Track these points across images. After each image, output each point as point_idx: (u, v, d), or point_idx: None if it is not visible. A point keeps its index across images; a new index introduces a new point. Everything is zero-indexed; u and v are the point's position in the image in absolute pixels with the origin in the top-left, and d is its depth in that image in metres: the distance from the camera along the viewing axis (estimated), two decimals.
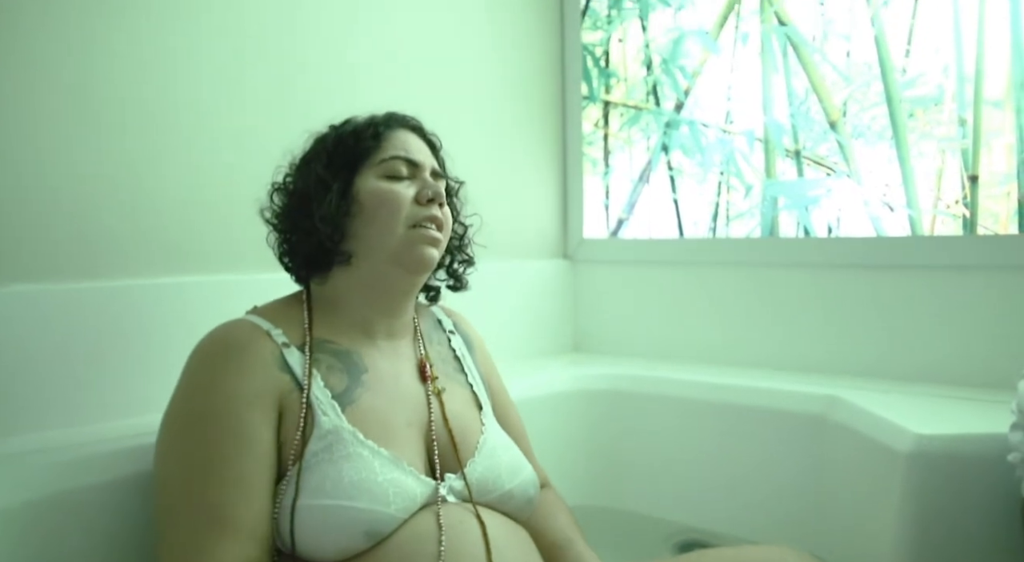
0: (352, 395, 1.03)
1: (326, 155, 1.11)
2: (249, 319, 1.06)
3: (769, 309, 1.92)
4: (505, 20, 2.12)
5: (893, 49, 1.82)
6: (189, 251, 1.45)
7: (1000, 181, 1.70)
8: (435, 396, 1.12)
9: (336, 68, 1.69)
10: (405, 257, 1.08)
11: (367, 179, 1.09)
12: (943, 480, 1.24)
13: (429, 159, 1.15)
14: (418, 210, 1.09)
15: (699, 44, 2.13)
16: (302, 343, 1.05)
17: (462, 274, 1.25)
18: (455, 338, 1.26)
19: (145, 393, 1.35)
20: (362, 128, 1.13)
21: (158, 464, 0.98)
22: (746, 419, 1.66)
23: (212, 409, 0.96)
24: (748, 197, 2.06)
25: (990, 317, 1.62)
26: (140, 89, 1.38)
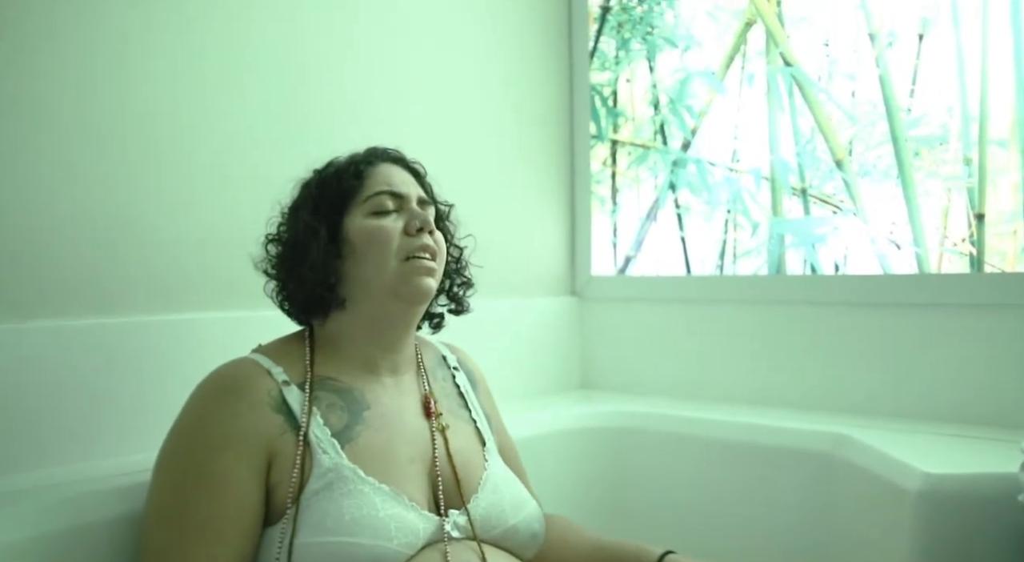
0: (352, 432, 1.03)
1: (312, 201, 1.12)
2: (252, 358, 1.07)
3: (776, 346, 1.92)
4: (515, 61, 2.15)
5: (898, 89, 1.84)
6: (201, 287, 1.46)
7: (1006, 219, 1.71)
8: (439, 432, 1.12)
9: (346, 106, 1.71)
10: (402, 290, 1.08)
11: (354, 219, 1.10)
12: (952, 520, 1.23)
13: (414, 188, 1.15)
14: (409, 241, 1.09)
15: (706, 84, 2.16)
16: (303, 381, 1.06)
17: (463, 297, 1.25)
18: (459, 374, 1.26)
19: (157, 428, 1.35)
20: (343, 168, 1.14)
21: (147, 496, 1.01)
22: (754, 457, 1.65)
23: (189, 449, 0.98)
24: (755, 235, 2.07)
25: (998, 355, 1.62)
26: (149, 126, 1.40)
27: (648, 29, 2.26)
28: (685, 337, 2.08)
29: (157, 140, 1.41)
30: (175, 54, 1.43)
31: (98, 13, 1.33)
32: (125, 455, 1.31)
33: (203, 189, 1.47)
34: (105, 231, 1.34)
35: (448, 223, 1.24)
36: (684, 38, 2.19)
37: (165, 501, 0.96)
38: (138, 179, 1.38)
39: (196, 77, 1.46)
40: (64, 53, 1.30)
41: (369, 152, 1.18)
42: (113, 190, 1.35)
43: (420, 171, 1.21)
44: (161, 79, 1.41)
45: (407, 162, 1.20)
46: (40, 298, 1.27)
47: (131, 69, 1.38)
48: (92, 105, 1.33)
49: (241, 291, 1.50)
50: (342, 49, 1.71)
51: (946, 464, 1.29)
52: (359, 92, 1.74)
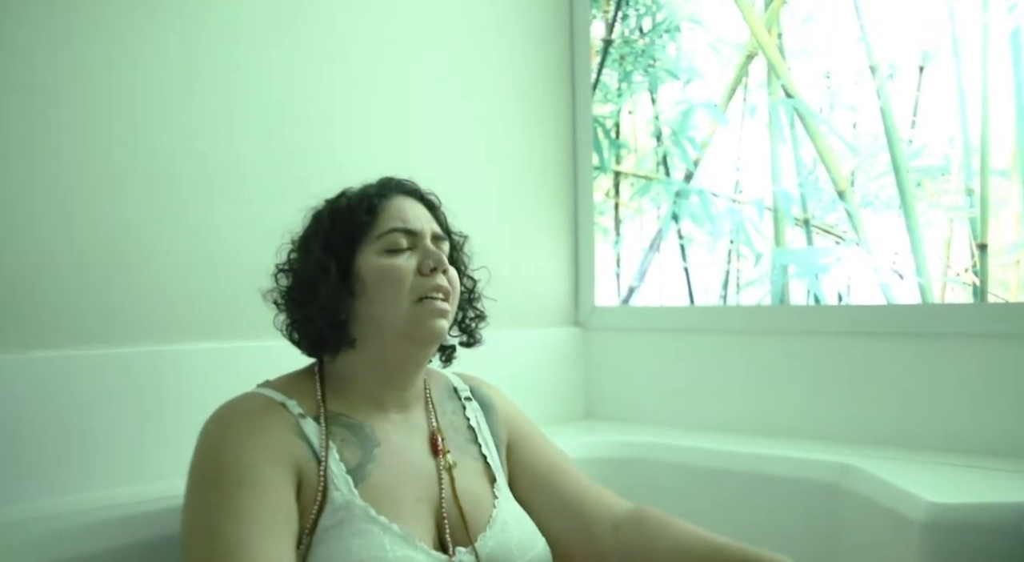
0: (365, 470, 1.02)
1: (323, 234, 1.10)
2: (261, 392, 1.05)
3: (780, 377, 1.91)
4: (518, 93, 2.17)
5: (899, 120, 1.85)
6: (202, 317, 1.47)
7: (1009, 249, 1.71)
8: (446, 471, 1.10)
9: (349, 137, 1.73)
10: (414, 332, 1.07)
11: (367, 256, 1.08)
12: (958, 550, 1.22)
13: (428, 223, 1.13)
14: (422, 282, 1.07)
15: (708, 116, 2.17)
16: (316, 414, 1.05)
17: (475, 329, 1.23)
18: (471, 405, 1.23)
19: (157, 459, 1.35)
20: (356, 202, 1.11)
21: (182, 525, 0.96)
22: (759, 487, 1.64)
23: (225, 462, 0.95)
24: (758, 265, 2.07)
25: (1002, 385, 1.61)
26: (149, 159, 1.42)
27: (650, 61, 2.29)
28: (689, 367, 2.08)
29: (157, 173, 1.42)
30: (176, 88, 1.45)
31: (94, 44, 1.35)
32: (125, 486, 1.32)
33: (204, 221, 1.48)
34: (105, 262, 1.35)
35: (462, 254, 1.22)
36: (686, 70, 2.21)
37: (214, 513, 0.92)
38: (137, 211, 1.39)
39: (197, 109, 1.48)
40: (63, 88, 1.31)
41: (382, 183, 1.15)
42: (113, 222, 1.36)
43: (435, 202, 1.19)
44: (161, 111, 1.43)
45: (421, 194, 1.18)
46: (40, 329, 1.27)
47: (131, 101, 1.39)
48: (92, 139, 1.34)
49: (242, 322, 1.50)
50: (343, 81, 1.73)
51: (952, 494, 1.28)
52: (361, 123, 1.76)
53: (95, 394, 1.30)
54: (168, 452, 1.35)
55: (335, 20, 1.71)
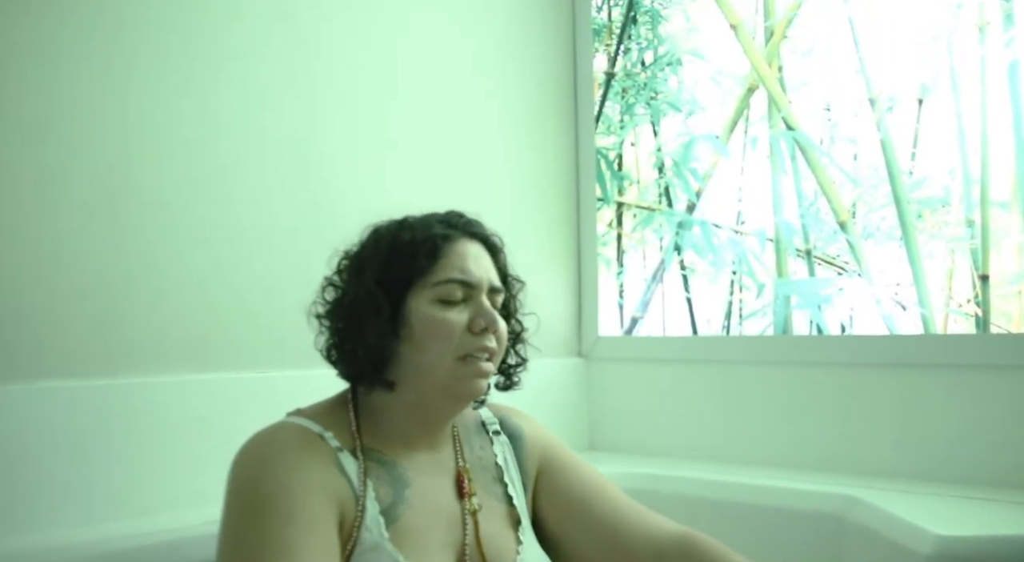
0: (397, 511, 1.00)
1: (379, 266, 1.05)
2: (296, 422, 1.02)
3: (784, 407, 1.91)
4: (522, 125, 2.19)
5: (899, 152, 1.87)
6: (208, 349, 1.47)
7: (1011, 280, 1.72)
8: (470, 515, 1.07)
9: (354, 172, 1.74)
10: (454, 389, 1.04)
11: (419, 302, 1.03)
12: None
13: (488, 273, 1.08)
14: (470, 340, 1.03)
15: (709, 148, 2.19)
16: (353, 448, 1.02)
17: (513, 373, 1.17)
18: (499, 439, 1.18)
19: (160, 491, 1.35)
20: (420, 240, 1.05)
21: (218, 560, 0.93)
22: (763, 519, 1.63)
23: (273, 496, 0.91)
24: (760, 296, 2.08)
25: (1006, 416, 1.61)
26: (157, 191, 1.43)
27: (652, 94, 2.31)
28: (693, 398, 2.07)
29: (163, 205, 1.43)
30: (185, 120, 1.47)
31: (107, 79, 1.37)
32: (127, 519, 1.31)
33: (212, 254, 1.49)
34: (110, 294, 1.36)
35: (516, 300, 1.18)
36: (688, 103, 2.23)
37: (262, 548, 0.88)
38: (145, 245, 1.41)
39: (206, 143, 1.49)
40: (76, 120, 1.33)
41: (449, 221, 1.10)
42: (120, 252, 1.37)
43: (498, 246, 1.15)
44: (171, 145, 1.45)
45: (486, 236, 1.13)
46: (44, 359, 1.28)
47: (142, 135, 1.41)
48: (101, 171, 1.36)
49: (248, 353, 1.51)
50: (349, 120, 1.74)
51: (957, 526, 1.28)
52: (367, 159, 1.77)
53: (96, 425, 1.30)
54: (171, 484, 1.36)
55: (342, 60, 1.73)
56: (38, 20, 1.29)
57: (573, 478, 1.18)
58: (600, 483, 1.18)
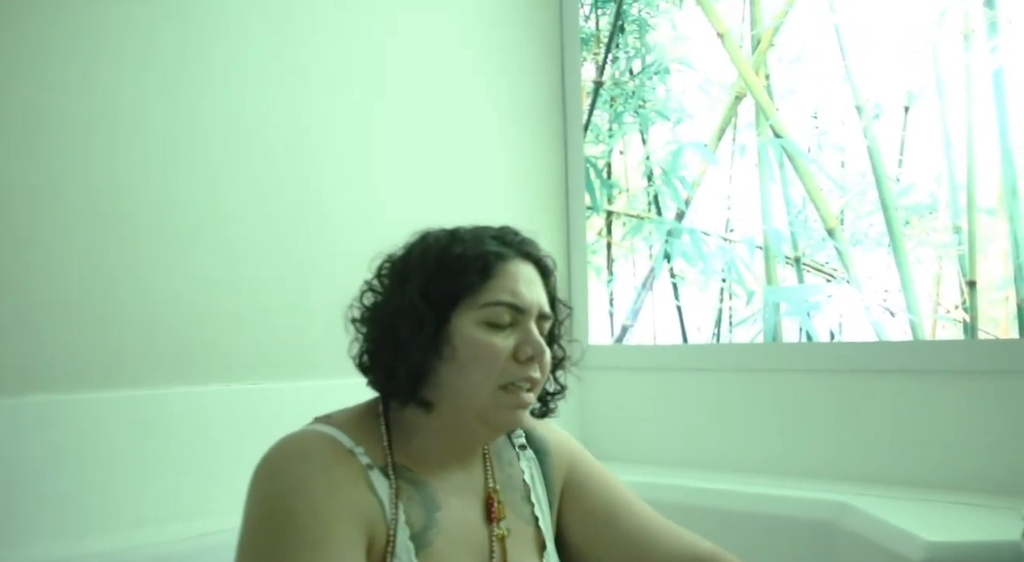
0: (428, 537, 0.96)
1: (425, 277, 0.99)
2: (326, 432, 0.97)
3: (774, 414, 1.92)
4: (511, 135, 2.19)
5: (886, 159, 1.88)
6: (201, 361, 1.47)
7: (998, 286, 1.73)
8: (498, 542, 1.02)
9: (344, 177, 1.74)
10: (491, 418, 0.98)
11: (464, 322, 0.97)
12: None
13: (538, 298, 1.02)
14: (514, 369, 0.97)
15: (698, 156, 2.20)
16: (384, 466, 0.97)
17: (550, 400, 1.11)
18: (525, 454, 1.13)
19: (168, 502, 1.36)
20: (471, 256, 0.99)
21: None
22: (755, 526, 1.63)
23: (299, 516, 0.87)
24: (750, 303, 2.08)
25: (995, 422, 1.62)
26: (150, 203, 1.43)
27: (640, 103, 2.32)
28: (683, 406, 2.08)
29: (152, 215, 1.43)
30: (172, 126, 1.47)
31: (93, 87, 1.37)
32: (113, 532, 1.31)
33: (198, 263, 1.49)
34: (95, 305, 1.36)
35: (561, 326, 1.11)
36: (676, 111, 2.24)
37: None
38: (130, 257, 1.40)
39: (194, 150, 1.49)
40: (60, 128, 1.33)
41: (502, 238, 1.03)
42: (114, 264, 1.37)
43: (550, 268, 1.08)
44: (158, 152, 1.44)
45: (539, 258, 1.06)
46: (33, 373, 1.28)
47: (129, 144, 1.41)
48: (87, 180, 1.36)
49: (237, 365, 1.51)
50: (337, 128, 1.75)
51: (948, 532, 1.28)
52: (356, 167, 1.77)
53: (78, 439, 1.30)
54: (157, 497, 1.35)
55: (330, 65, 1.73)
56: (24, 23, 1.28)
57: (598, 494, 1.14)
58: (625, 498, 1.14)
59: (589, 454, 1.19)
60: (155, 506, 1.36)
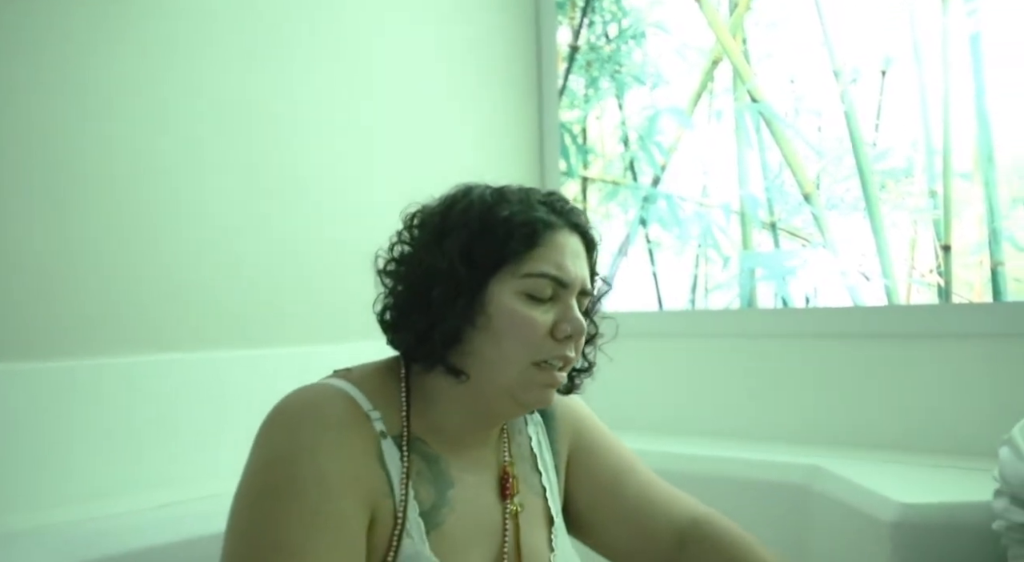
0: (439, 516, 0.92)
1: (467, 238, 0.92)
2: (345, 390, 0.92)
3: (749, 380, 1.92)
4: (485, 99, 2.16)
5: (863, 124, 1.87)
6: (167, 329, 1.45)
7: (973, 250, 1.73)
8: (511, 518, 0.99)
9: (315, 142, 1.71)
10: (521, 395, 0.93)
11: (504, 291, 0.92)
12: (929, 549, 1.22)
13: (581, 272, 0.96)
14: (550, 346, 0.92)
15: (674, 121, 2.18)
16: (398, 434, 0.92)
17: (577, 376, 1.06)
18: (532, 419, 1.09)
19: (130, 473, 1.34)
20: (518, 224, 0.92)
21: (228, 542, 0.84)
22: (728, 491, 1.63)
23: (300, 485, 0.83)
24: (726, 269, 2.08)
25: (968, 384, 1.63)
26: (131, 174, 1.39)
27: (616, 67, 2.29)
28: (658, 372, 2.07)
29: (126, 185, 1.40)
30: (140, 96, 1.43)
31: (67, 58, 1.33)
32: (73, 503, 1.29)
33: (170, 234, 1.46)
34: (54, 274, 1.33)
35: (599, 302, 1.07)
36: (652, 76, 2.22)
37: (279, 543, 0.80)
38: (105, 226, 1.37)
39: (174, 121, 1.46)
40: (35, 101, 1.29)
41: (551, 205, 0.97)
42: (63, 235, 1.34)
43: (595, 241, 1.02)
44: (124, 121, 1.41)
45: (586, 230, 1.00)
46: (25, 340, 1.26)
47: (107, 114, 1.37)
48: (68, 151, 1.32)
49: (206, 333, 1.49)
50: (308, 95, 1.71)
51: (921, 494, 1.29)
52: (325, 135, 1.74)
53: (48, 407, 1.28)
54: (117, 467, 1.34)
55: (306, 32, 1.69)
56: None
57: (603, 460, 1.11)
58: (630, 463, 1.12)
59: (595, 417, 1.17)
60: (116, 477, 1.34)
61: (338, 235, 1.72)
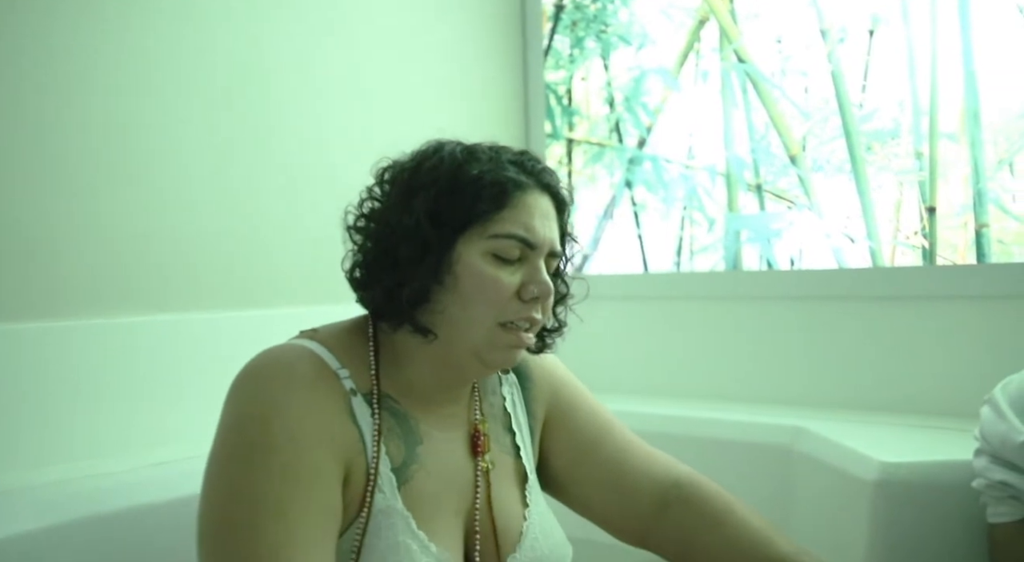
0: (408, 471, 0.92)
1: (435, 196, 0.91)
2: (312, 348, 0.92)
3: (734, 342, 1.92)
4: (468, 60, 2.13)
5: (850, 84, 1.85)
6: (158, 288, 1.43)
7: (957, 212, 1.73)
8: (483, 475, 0.99)
9: (298, 103, 1.69)
10: (486, 355, 0.93)
11: (471, 251, 0.91)
12: (910, 507, 1.23)
13: (550, 234, 0.95)
14: (516, 307, 0.92)
15: (660, 82, 2.16)
16: (368, 392, 0.92)
17: (547, 336, 1.06)
18: (507, 379, 1.10)
19: (123, 432, 1.35)
20: (487, 183, 0.91)
21: (203, 506, 0.85)
22: (712, 452, 1.64)
23: (273, 442, 0.83)
24: (711, 231, 2.07)
25: (950, 345, 1.64)
26: (126, 135, 1.37)
27: (602, 27, 2.26)
28: (643, 334, 2.08)
29: (100, 139, 1.38)
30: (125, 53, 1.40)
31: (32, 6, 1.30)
32: (68, 461, 1.29)
33: (150, 191, 1.44)
34: (47, 235, 1.31)
35: (568, 262, 1.06)
36: (638, 36, 2.19)
37: (255, 503, 0.81)
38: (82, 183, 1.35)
39: (146, 73, 1.43)
40: None
41: (521, 165, 0.95)
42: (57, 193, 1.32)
43: (566, 202, 1.00)
44: (110, 79, 1.38)
45: (557, 191, 0.98)
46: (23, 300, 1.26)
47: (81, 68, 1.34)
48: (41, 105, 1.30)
49: (193, 292, 1.48)
50: (290, 54, 1.68)
51: (902, 453, 1.30)
52: (308, 96, 1.72)
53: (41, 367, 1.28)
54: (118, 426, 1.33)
55: None
56: None
57: (582, 420, 1.11)
58: (609, 424, 1.12)
59: (575, 379, 1.17)
60: (110, 436, 1.34)
61: (321, 198, 1.70)
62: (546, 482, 1.10)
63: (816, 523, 1.44)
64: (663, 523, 1.06)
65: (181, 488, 1.16)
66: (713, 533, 1.04)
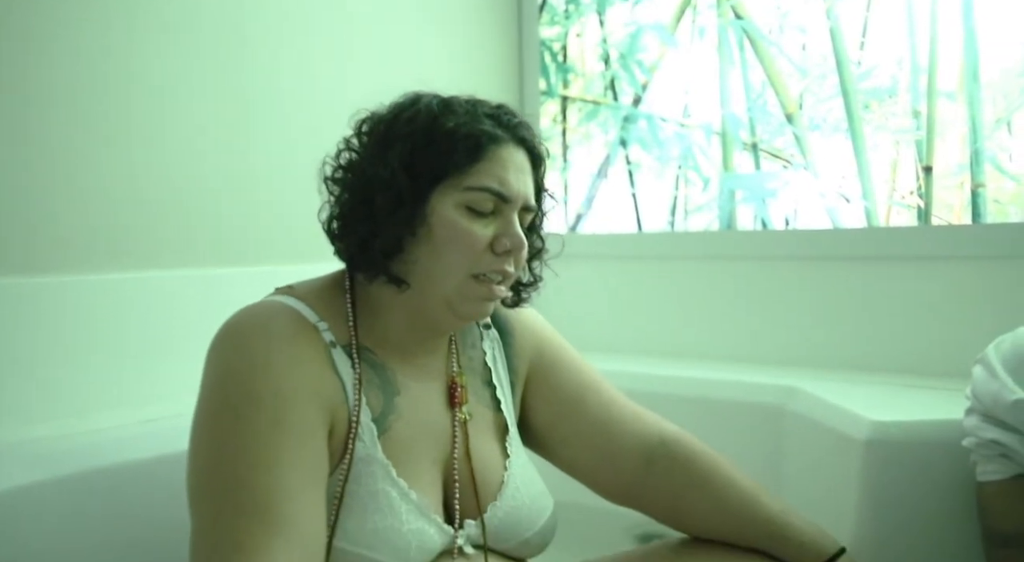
0: (387, 421, 0.93)
1: (410, 148, 0.92)
2: (291, 305, 0.93)
3: (727, 302, 1.92)
4: (462, 14, 2.10)
5: (848, 41, 1.83)
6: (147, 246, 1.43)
7: (954, 172, 1.72)
8: (460, 426, 1.00)
9: (288, 59, 1.66)
10: (458, 307, 0.94)
11: (444, 203, 0.92)
12: (900, 466, 1.24)
13: (525, 189, 0.96)
14: (489, 259, 0.93)
15: (656, 38, 2.13)
16: (347, 344, 0.94)
17: (522, 291, 1.07)
18: (489, 334, 1.10)
19: (113, 389, 1.35)
20: (462, 136, 0.92)
21: (192, 464, 0.86)
22: (704, 411, 1.64)
23: (259, 396, 0.84)
24: (706, 190, 2.06)
25: (945, 306, 1.63)
26: (122, 98, 1.35)
27: None
28: (637, 294, 2.07)
29: (87, 98, 1.35)
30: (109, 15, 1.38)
31: None
32: (57, 418, 1.29)
33: (129, 152, 1.42)
34: (39, 194, 1.30)
35: (543, 216, 1.07)
36: None
37: (243, 457, 0.81)
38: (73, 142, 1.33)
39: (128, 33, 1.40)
40: None
41: (497, 119, 0.96)
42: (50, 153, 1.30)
43: (542, 157, 1.01)
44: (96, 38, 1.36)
45: (533, 145, 0.99)
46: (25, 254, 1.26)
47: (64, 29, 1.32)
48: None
49: (183, 249, 1.46)
50: (279, 13, 1.65)
51: (893, 412, 1.30)
52: (297, 50, 1.69)
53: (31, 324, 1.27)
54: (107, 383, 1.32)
55: None
56: None
57: (565, 377, 1.12)
58: (594, 382, 1.13)
59: (558, 335, 1.17)
60: (100, 392, 1.34)
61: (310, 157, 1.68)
62: (531, 439, 1.11)
63: (808, 482, 1.45)
64: (649, 481, 1.07)
65: (172, 444, 1.15)
66: (699, 491, 1.05)
